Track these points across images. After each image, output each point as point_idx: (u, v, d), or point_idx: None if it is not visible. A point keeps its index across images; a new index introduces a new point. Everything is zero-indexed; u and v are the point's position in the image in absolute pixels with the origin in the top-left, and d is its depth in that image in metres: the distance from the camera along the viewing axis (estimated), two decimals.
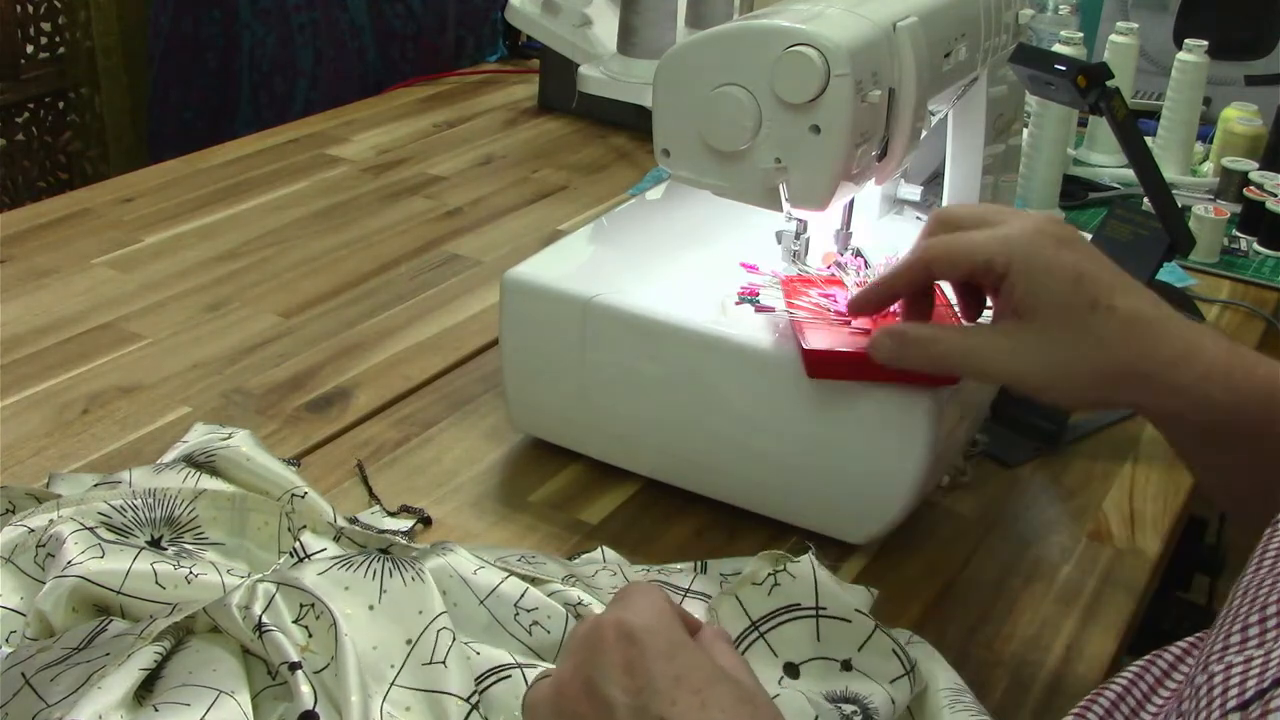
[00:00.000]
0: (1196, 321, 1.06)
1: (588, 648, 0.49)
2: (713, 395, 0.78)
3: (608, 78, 1.16)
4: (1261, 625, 0.44)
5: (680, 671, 0.47)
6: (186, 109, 1.81)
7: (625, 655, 0.48)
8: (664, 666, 0.47)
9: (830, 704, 0.53)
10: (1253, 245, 1.30)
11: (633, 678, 0.47)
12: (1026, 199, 1.33)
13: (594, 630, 0.49)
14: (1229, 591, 0.48)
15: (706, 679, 0.47)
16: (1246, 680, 0.41)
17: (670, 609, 0.51)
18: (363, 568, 0.61)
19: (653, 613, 0.50)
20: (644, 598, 0.51)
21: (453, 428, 0.91)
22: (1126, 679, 0.52)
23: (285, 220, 1.23)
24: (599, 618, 0.50)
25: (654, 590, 0.52)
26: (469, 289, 1.12)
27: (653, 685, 0.47)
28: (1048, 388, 0.60)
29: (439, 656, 0.58)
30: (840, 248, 0.88)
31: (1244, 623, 0.45)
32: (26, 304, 1.04)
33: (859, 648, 0.55)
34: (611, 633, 0.49)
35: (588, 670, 0.49)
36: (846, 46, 0.73)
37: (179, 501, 0.70)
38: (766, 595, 0.56)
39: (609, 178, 1.40)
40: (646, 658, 0.48)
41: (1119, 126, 0.91)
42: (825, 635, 0.55)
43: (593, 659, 0.49)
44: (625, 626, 0.49)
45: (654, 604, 0.51)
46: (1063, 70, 0.89)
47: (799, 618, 0.55)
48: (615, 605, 0.51)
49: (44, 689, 0.56)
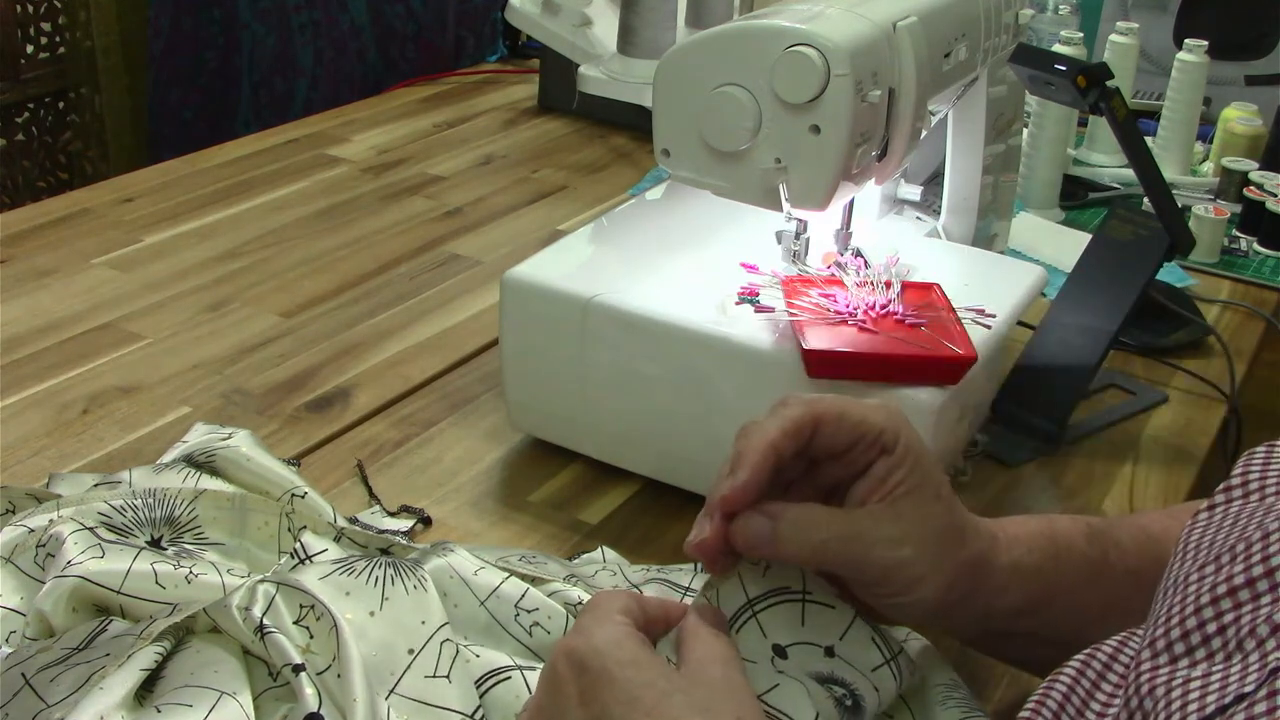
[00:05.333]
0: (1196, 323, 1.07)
1: (547, 684, 0.50)
2: (713, 395, 0.78)
3: (608, 78, 1.16)
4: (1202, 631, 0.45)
5: (631, 693, 0.48)
6: (186, 109, 1.81)
7: (578, 686, 0.49)
8: (615, 691, 0.48)
9: (820, 684, 0.54)
10: (1253, 245, 1.30)
11: (587, 708, 0.48)
12: (1026, 199, 1.33)
13: (550, 666, 0.50)
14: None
15: (659, 695, 0.48)
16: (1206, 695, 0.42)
17: (622, 620, 0.51)
18: (364, 573, 0.60)
19: (602, 632, 0.50)
20: (594, 616, 0.51)
21: (453, 428, 0.91)
22: (1070, 676, 0.53)
23: (285, 220, 1.23)
24: (557, 648, 0.51)
25: (608, 603, 0.52)
26: (469, 289, 1.12)
27: (607, 713, 0.47)
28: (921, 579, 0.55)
29: (442, 670, 0.58)
30: (840, 248, 0.88)
31: (1183, 628, 0.46)
32: (26, 304, 1.04)
33: (840, 636, 0.55)
34: (564, 665, 0.49)
35: (549, 709, 0.50)
36: (846, 46, 0.73)
37: (179, 501, 0.70)
38: (762, 575, 0.56)
39: (609, 178, 1.40)
40: (597, 685, 0.48)
41: (1119, 126, 0.91)
42: (809, 620, 0.55)
43: (551, 696, 0.50)
44: (575, 655, 0.49)
45: (605, 620, 0.51)
46: (1063, 70, 0.89)
47: (787, 600, 0.56)
48: (572, 630, 0.52)
49: (44, 689, 0.56)
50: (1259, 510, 0.49)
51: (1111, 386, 1.02)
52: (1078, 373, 0.93)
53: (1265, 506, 0.49)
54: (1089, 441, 0.95)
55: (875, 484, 0.55)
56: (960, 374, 0.75)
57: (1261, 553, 0.45)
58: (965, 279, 0.86)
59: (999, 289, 0.85)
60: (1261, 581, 0.45)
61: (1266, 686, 0.40)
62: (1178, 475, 0.91)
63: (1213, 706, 0.41)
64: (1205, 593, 0.46)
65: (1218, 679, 0.43)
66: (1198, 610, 0.46)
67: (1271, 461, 0.52)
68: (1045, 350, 0.95)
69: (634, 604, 0.53)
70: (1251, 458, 0.53)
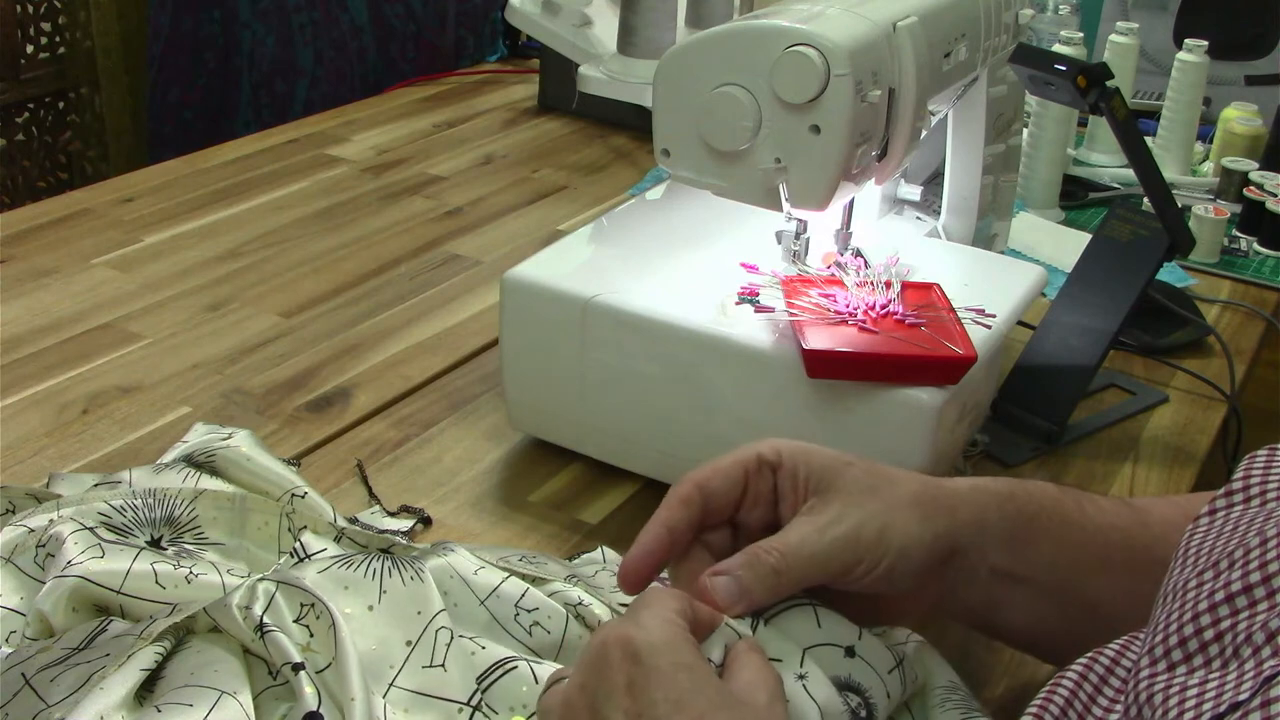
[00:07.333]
0: (1196, 323, 1.07)
1: (594, 665, 0.49)
2: (712, 395, 0.78)
3: (608, 78, 1.16)
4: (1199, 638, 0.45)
5: (680, 696, 0.47)
6: (186, 109, 1.81)
7: (628, 675, 0.48)
8: (665, 690, 0.47)
9: (838, 692, 0.54)
10: (1253, 245, 1.30)
11: (634, 700, 0.47)
12: (1026, 199, 1.33)
13: (601, 647, 0.49)
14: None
15: (707, 704, 0.47)
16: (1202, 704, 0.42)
17: (680, 623, 0.51)
18: (363, 567, 0.61)
19: (660, 629, 0.50)
20: (653, 612, 0.51)
21: (453, 428, 0.91)
22: (1071, 682, 0.53)
23: (285, 220, 1.23)
24: (607, 632, 0.50)
25: (666, 601, 0.52)
26: (469, 289, 1.12)
27: (652, 710, 0.47)
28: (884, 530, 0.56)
29: (438, 659, 0.58)
30: (840, 248, 0.88)
31: (1181, 635, 0.46)
32: (26, 304, 1.04)
33: (859, 635, 0.56)
34: (617, 651, 0.49)
35: (592, 689, 0.49)
36: (846, 46, 0.73)
37: (179, 501, 0.70)
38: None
39: (609, 178, 1.40)
40: (648, 679, 0.48)
41: (1119, 126, 0.91)
42: (824, 623, 0.55)
43: (597, 677, 0.49)
44: (631, 645, 0.49)
45: (663, 618, 0.50)
46: (1063, 70, 0.89)
47: (796, 605, 0.56)
48: (625, 618, 0.51)
49: (44, 689, 0.56)
50: (1259, 516, 0.49)
51: (1111, 386, 1.02)
52: (1077, 373, 0.93)
53: (1266, 512, 0.49)
54: (1089, 441, 0.95)
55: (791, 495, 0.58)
56: (960, 374, 0.75)
57: (1259, 559, 0.45)
58: (965, 279, 0.86)
59: (999, 289, 0.85)
60: (1259, 588, 0.44)
61: (1261, 695, 0.40)
62: (1178, 475, 0.91)
63: (1209, 714, 0.41)
64: (1203, 599, 0.46)
65: (1214, 686, 0.43)
66: (1195, 617, 0.46)
67: (1273, 465, 0.52)
68: (1045, 350, 0.95)
69: (688, 606, 0.53)
70: (1253, 461, 0.53)
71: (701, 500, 0.57)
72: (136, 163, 1.75)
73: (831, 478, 0.57)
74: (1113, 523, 0.62)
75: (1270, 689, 0.40)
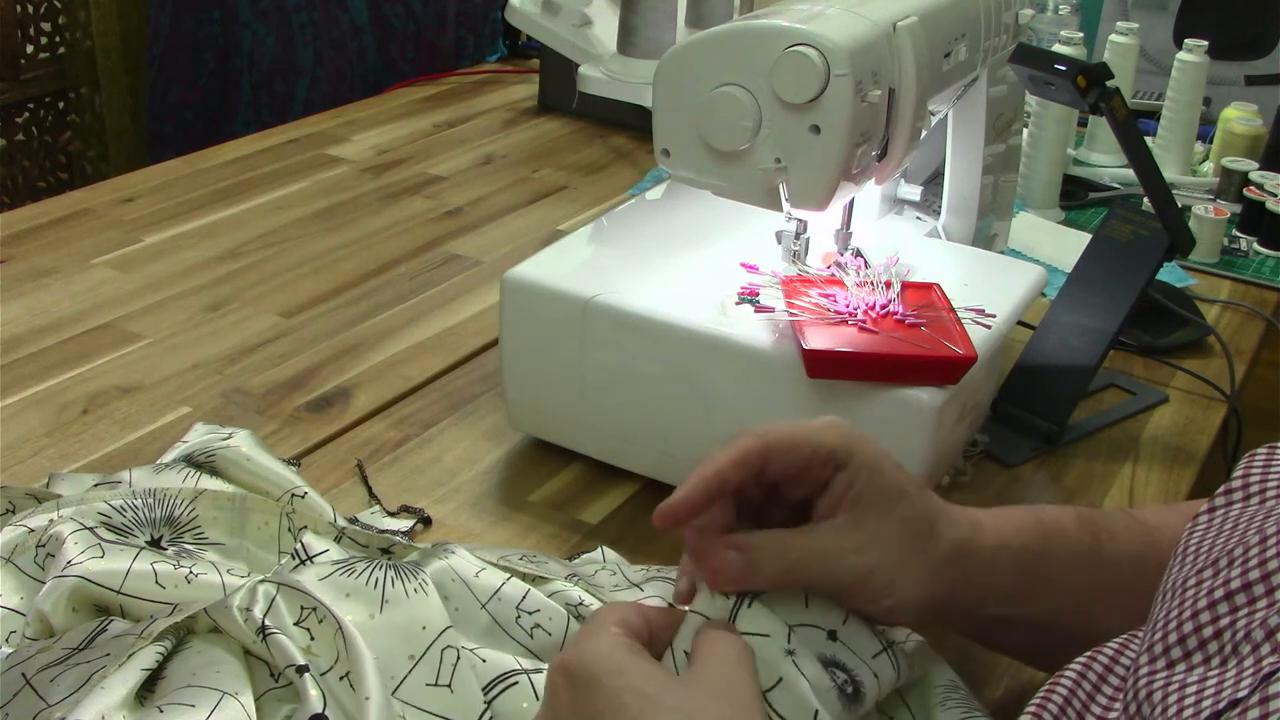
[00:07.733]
0: (1196, 323, 1.07)
1: (546, 696, 0.52)
2: (712, 395, 0.78)
3: (608, 78, 1.16)
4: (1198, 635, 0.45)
5: (620, 700, 0.48)
6: (186, 109, 1.81)
7: (570, 696, 0.50)
8: (605, 699, 0.49)
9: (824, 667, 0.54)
10: (1253, 245, 1.30)
11: (579, 717, 0.49)
12: (1026, 199, 1.33)
13: (549, 676, 0.52)
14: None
15: (645, 700, 0.48)
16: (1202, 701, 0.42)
17: (615, 632, 0.52)
18: (365, 574, 0.60)
19: (593, 644, 0.51)
20: (588, 629, 0.53)
21: (453, 428, 0.91)
22: (1071, 679, 0.53)
23: (285, 220, 1.23)
24: (554, 661, 0.52)
25: (605, 616, 0.53)
26: (469, 289, 1.12)
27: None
28: (893, 582, 0.56)
29: (444, 679, 0.58)
30: (840, 248, 0.88)
31: (1180, 633, 0.46)
32: (26, 304, 1.04)
33: (843, 621, 0.56)
34: (558, 677, 0.51)
35: (549, 718, 0.51)
36: (846, 46, 0.73)
37: (179, 501, 0.70)
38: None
39: (609, 178, 1.40)
40: (587, 693, 0.49)
41: (1119, 126, 0.91)
42: (812, 603, 0.56)
43: (549, 707, 0.51)
44: (567, 668, 0.50)
45: (596, 633, 0.52)
46: (1063, 70, 0.89)
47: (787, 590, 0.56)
48: (569, 643, 0.53)
49: (45, 689, 0.56)
50: (1259, 514, 0.49)
51: (1111, 386, 1.02)
52: (1078, 373, 0.93)
53: (1265, 510, 0.49)
54: (1089, 441, 0.95)
55: (835, 498, 0.57)
56: (960, 374, 0.75)
57: (1259, 557, 0.45)
58: (965, 279, 0.86)
59: (999, 289, 0.85)
60: (1258, 586, 0.45)
61: (1259, 692, 0.40)
62: (1178, 475, 0.91)
63: (1208, 711, 0.41)
64: (1203, 597, 0.46)
65: (1213, 684, 0.43)
66: (1195, 615, 0.46)
67: (1273, 463, 0.52)
68: (1045, 350, 0.95)
69: (632, 614, 0.53)
70: (1253, 459, 0.53)
71: (759, 468, 0.56)
72: (136, 163, 1.75)
73: (881, 508, 0.57)
74: (1126, 553, 0.62)
75: (1269, 686, 0.40)
